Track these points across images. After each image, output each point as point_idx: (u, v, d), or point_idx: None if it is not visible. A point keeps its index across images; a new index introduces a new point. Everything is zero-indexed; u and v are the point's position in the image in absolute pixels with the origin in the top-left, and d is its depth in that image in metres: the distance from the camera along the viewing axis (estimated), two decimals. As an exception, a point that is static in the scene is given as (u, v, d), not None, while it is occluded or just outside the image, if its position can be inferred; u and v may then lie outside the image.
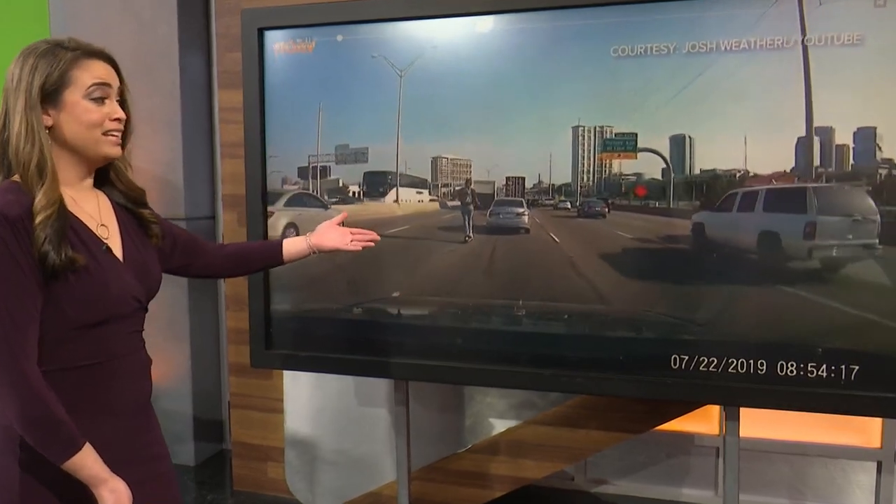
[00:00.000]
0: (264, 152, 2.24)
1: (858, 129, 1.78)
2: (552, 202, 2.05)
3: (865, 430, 2.85)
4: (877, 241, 1.74)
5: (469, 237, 2.06)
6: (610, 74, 1.97)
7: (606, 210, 1.95)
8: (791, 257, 1.84)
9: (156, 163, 3.37)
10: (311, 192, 2.18)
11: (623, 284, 2.00)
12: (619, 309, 2.02)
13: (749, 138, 1.87)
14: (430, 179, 2.14)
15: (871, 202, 1.74)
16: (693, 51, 1.91)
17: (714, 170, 1.90)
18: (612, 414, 2.63)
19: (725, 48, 1.86)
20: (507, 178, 2.08)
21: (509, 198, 2.06)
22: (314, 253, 1.75)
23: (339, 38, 2.16)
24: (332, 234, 1.77)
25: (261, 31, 2.23)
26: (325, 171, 2.19)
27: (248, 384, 3.05)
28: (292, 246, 1.75)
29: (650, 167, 1.97)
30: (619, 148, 1.97)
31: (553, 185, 2.05)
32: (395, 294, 2.14)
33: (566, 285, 2.03)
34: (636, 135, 1.96)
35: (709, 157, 1.92)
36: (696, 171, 1.92)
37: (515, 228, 2.10)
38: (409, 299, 2.15)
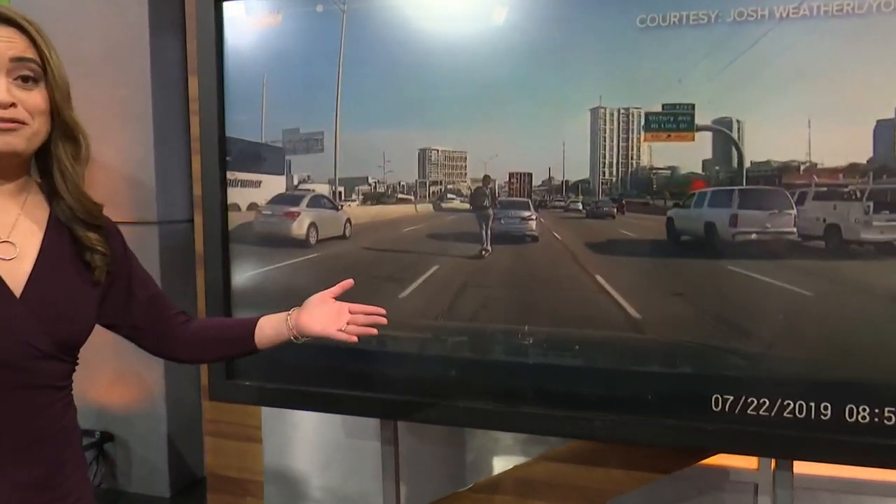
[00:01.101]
0: (223, 146, 1.89)
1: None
2: (563, 203, 1.68)
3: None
4: None
5: (486, 250, 1.74)
6: (635, 48, 1.59)
7: (615, 210, 1.70)
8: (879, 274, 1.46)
9: (125, 160, 3.05)
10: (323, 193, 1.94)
11: (654, 305, 1.63)
12: (648, 337, 1.65)
13: (814, 124, 1.48)
14: (417, 177, 1.77)
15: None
16: (740, 19, 1.56)
17: (788, 161, 1.51)
18: (636, 451, 2.26)
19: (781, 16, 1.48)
20: (511, 175, 1.71)
21: (513, 198, 1.70)
22: (296, 339, 1.38)
23: (319, 8, 1.80)
24: (320, 314, 1.38)
25: (219, 2, 1.91)
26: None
27: (222, 409, 2.73)
28: (269, 328, 1.39)
29: (688, 156, 1.59)
30: (669, 126, 1.59)
31: (567, 181, 1.67)
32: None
33: (582, 307, 1.67)
34: (693, 107, 1.58)
35: (761, 146, 1.53)
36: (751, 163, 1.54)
37: (521, 237, 1.73)
38: (397, 323, 1.79)
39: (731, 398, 1.67)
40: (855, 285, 1.57)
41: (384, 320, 1.40)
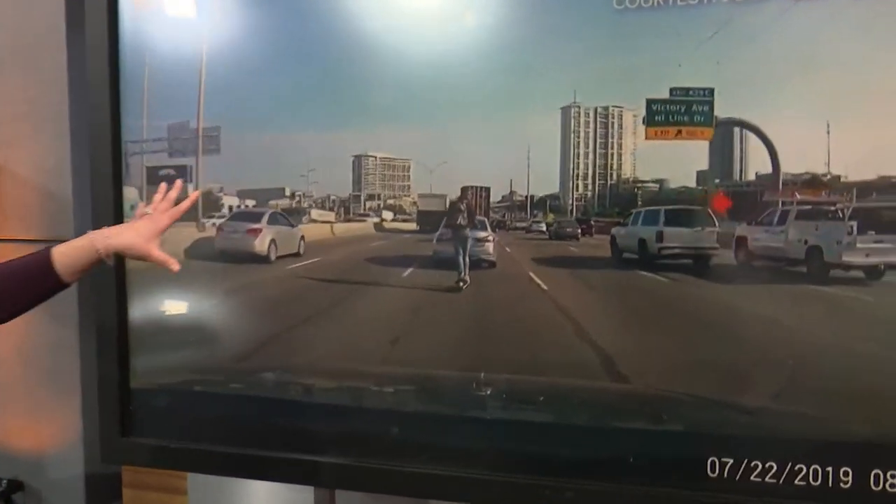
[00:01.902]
0: (118, 143, 1.60)
1: None
2: (525, 223, 1.41)
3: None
4: None
5: (464, 281, 1.54)
6: (613, 34, 1.31)
7: (579, 232, 1.59)
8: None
9: (38, 170, 2.68)
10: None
11: (638, 349, 1.34)
12: (630, 387, 1.36)
13: (834, 128, 1.21)
14: (350, 190, 1.47)
15: None
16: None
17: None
18: None
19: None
20: (464, 189, 1.43)
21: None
22: (107, 258, 1.28)
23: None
24: (131, 227, 1.30)
25: None
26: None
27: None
28: (72, 253, 1.26)
29: (678, 168, 1.32)
30: (679, 118, 1.36)
31: (532, 197, 1.38)
32: (306, 361, 1.49)
33: (551, 349, 1.37)
34: (712, 92, 1.31)
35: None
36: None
37: (475, 261, 1.45)
38: (327, 369, 1.50)
39: (731, 461, 1.36)
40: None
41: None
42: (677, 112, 1.33)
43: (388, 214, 1.56)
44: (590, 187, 1.41)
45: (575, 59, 1.38)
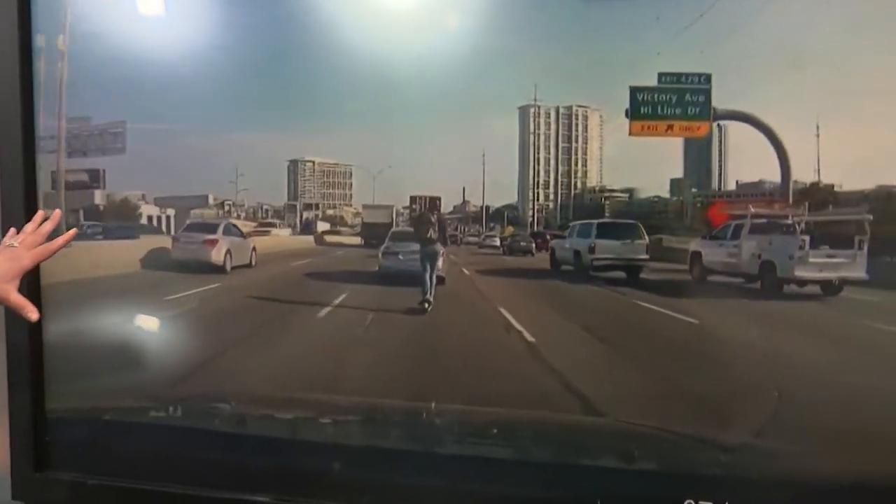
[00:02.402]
0: (31, 139, 1.49)
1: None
2: (476, 238, 1.29)
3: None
4: None
5: (429, 302, 1.41)
6: (582, 24, 1.17)
7: (534, 247, 1.55)
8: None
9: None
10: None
11: (608, 379, 1.20)
12: (599, 422, 1.21)
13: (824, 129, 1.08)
14: (286, 199, 1.32)
15: None
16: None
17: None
18: None
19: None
20: (414, 199, 1.28)
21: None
22: None
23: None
24: None
25: None
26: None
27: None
28: None
29: (650, 175, 1.19)
30: (670, 111, 1.26)
31: (488, 207, 1.24)
32: (237, 390, 1.44)
33: (508, 377, 1.22)
34: (709, 78, 1.09)
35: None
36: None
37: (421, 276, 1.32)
38: (262, 398, 1.34)
39: None
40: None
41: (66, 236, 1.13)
42: (667, 103, 1.18)
43: (323, 226, 1.42)
44: (551, 197, 1.26)
45: (537, 54, 1.23)
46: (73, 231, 1.13)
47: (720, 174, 1.18)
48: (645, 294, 1.51)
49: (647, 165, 1.23)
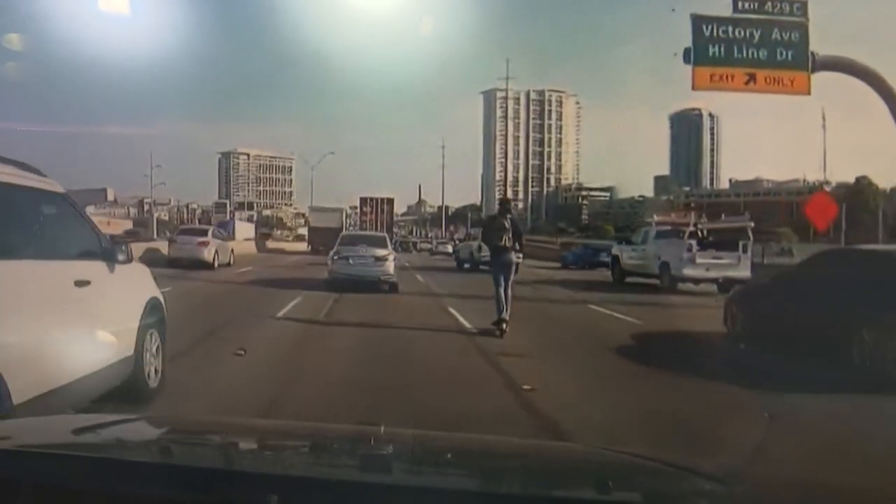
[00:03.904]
0: None
1: None
2: (429, 245, 1.08)
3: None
4: None
5: (505, 322, 1.38)
6: None
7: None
8: None
9: None
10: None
11: (578, 398, 1.04)
12: (568, 447, 1.07)
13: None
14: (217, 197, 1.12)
15: None
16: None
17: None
18: None
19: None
20: (365, 201, 1.08)
21: (365, 232, 1.07)
22: None
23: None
24: None
25: None
26: None
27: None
28: None
29: (632, 171, 1.00)
30: (752, 54, 1.13)
31: (447, 208, 1.06)
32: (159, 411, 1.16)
33: (466, 395, 1.07)
34: (806, 6, 1.03)
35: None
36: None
37: (373, 282, 1.12)
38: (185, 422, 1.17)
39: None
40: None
41: None
42: (747, 42, 0.92)
43: (246, 229, 1.22)
44: (521, 195, 1.10)
45: (503, 29, 1.07)
46: None
47: (712, 171, 1.03)
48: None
49: (628, 159, 1.08)
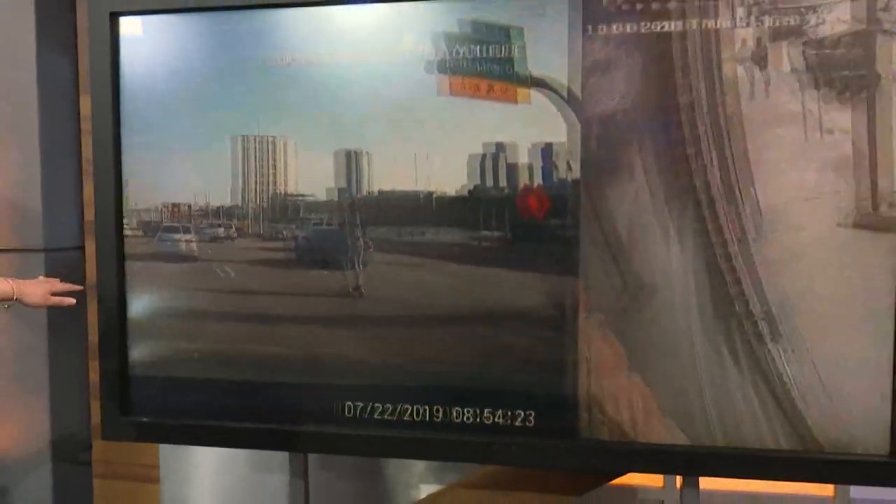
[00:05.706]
0: (119, 171, 1.92)
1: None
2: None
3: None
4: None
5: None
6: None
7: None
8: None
9: (8, 184, 2.90)
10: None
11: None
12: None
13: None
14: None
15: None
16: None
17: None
18: (550, 475, 2.38)
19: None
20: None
21: None
22: (16, 300, 1.81)
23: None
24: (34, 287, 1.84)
25: (114, 17, 1.96)
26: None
27: (112, 448, 2.60)
28: None
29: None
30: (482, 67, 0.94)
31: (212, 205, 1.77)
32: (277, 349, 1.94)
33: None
34: (522, 32, 1.15)
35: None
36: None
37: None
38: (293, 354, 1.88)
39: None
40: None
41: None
42: (479, 62, 1.09)
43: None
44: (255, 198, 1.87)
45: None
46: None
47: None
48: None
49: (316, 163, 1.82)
